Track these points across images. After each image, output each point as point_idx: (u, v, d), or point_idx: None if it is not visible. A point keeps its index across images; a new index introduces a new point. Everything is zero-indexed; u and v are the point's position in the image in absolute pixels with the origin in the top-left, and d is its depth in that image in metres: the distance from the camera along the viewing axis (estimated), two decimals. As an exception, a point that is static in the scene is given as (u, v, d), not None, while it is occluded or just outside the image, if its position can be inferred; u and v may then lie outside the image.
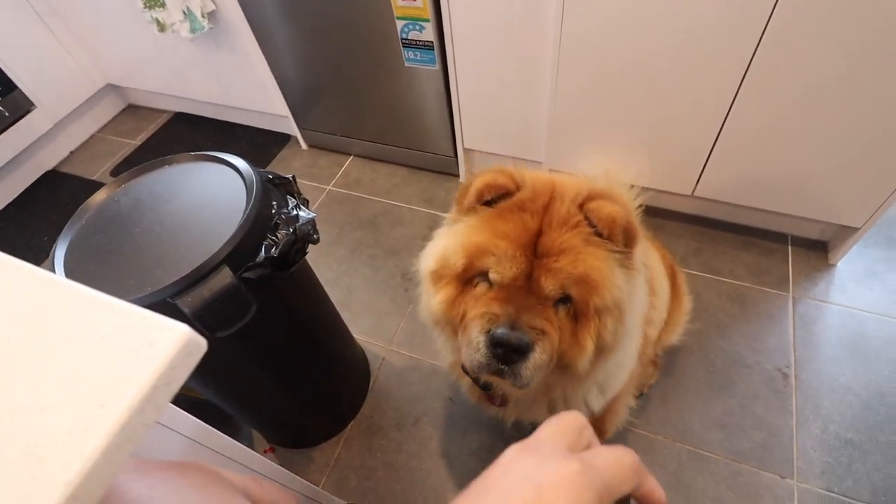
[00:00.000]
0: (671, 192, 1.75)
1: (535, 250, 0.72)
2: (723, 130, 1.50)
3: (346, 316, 1.48)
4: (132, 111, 2.76)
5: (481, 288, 0.76)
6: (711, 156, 1.58)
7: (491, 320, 0.71)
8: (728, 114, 1.46)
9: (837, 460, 1.33)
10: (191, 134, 2.52)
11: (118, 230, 0.94)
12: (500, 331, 0.69)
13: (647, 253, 0.98)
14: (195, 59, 2.17)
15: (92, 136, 2.65)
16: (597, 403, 0.99)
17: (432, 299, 0.81)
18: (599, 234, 0.73)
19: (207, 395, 1.19)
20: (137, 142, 2.55)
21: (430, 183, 2.14)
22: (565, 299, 0.73)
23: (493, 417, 1.20)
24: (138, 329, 0.34)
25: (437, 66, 1.71)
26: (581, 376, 0.79)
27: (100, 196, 1.02)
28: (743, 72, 1.36)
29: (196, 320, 0.82)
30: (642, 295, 0.87)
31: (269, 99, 2.17)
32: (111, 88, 2.67)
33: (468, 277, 0.77)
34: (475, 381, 0.95)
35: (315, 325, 1.26)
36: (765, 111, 1.42)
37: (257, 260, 0.90)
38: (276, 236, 0.94)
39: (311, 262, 1.26)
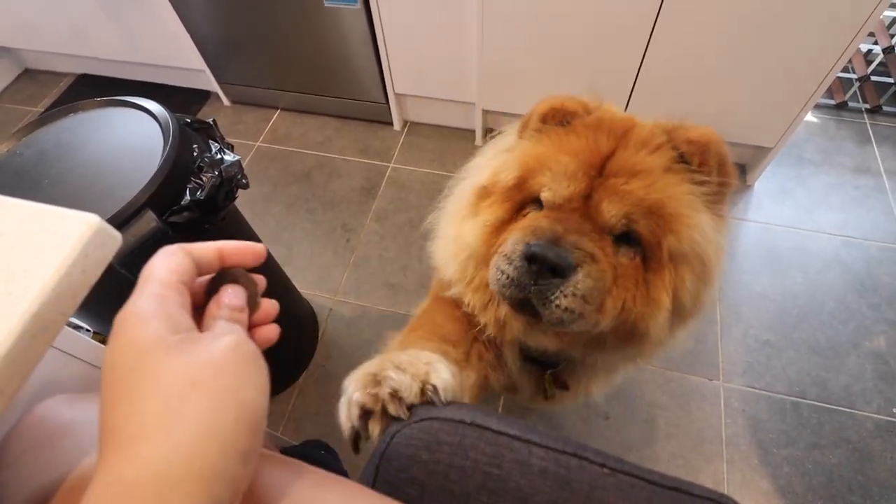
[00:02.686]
0: (601, 126, 1.79)
1: (601, 172, 0.59)
2: (644, 60, 1.54)
3: (289, 271, 1.45)
4: (30, 76, 2.51)
5: (532, 215, 0.62)
6: (635, 86, 1.62)
7: (534, 232, 0.57)
8: (648, 44, 1.50)
9: (757, 360, 1.46)
10: (98, 96, 2.30)
11: (23, 184, 0.87)
12: (539, 243, 0.55)
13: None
14: (93, 13, 1.97)
15: (-15, 106, 2.40)
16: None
17: (469, 224, 0.66)
18: (687, 162, 0.60)
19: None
20: (40, 108, 2.33)
21: (363, 133, 2.09)
22: (631, 240, 0.59)
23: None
24: (45, 222, 0.33)
25: (359, 5, 1.64)
26: (654, 345, 0.64)
27: (0, 150, 0.93)
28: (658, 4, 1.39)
29: (122, 268, 0.78)
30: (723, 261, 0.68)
31: (181, 52, 2.02)
32: (2, 52, 2.40)
33: (520, 200, 0.64)
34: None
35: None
36: (680, 41, 1.47)
37: (182, 203, 0.85)
38: (201, 179, 0.90)
39: (247, 219, 1.22)
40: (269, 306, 0.41)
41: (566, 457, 0.51)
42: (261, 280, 0.41)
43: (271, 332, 0.41)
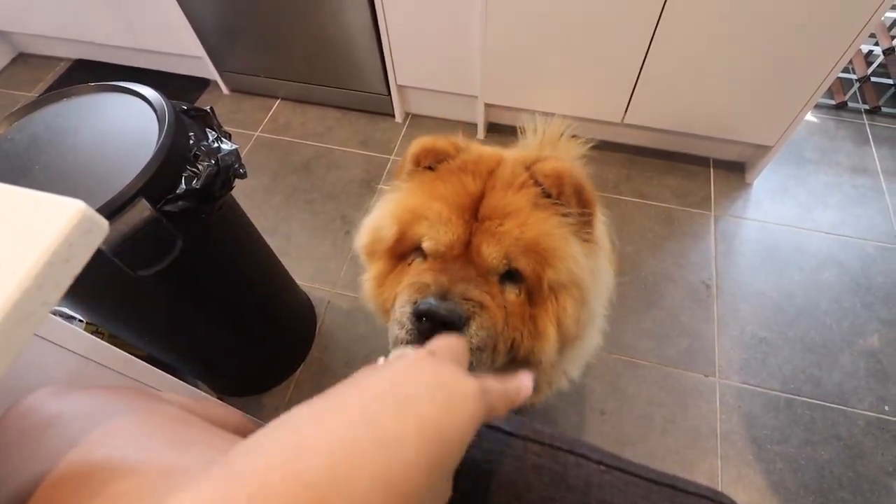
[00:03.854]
0: (603, 121, 1.79)
1: (475, 215, 0.62)
2: (647, 57, 1.53)
3: (286, 262, 1.45)
4: (24, 60, 2.48)
5: (416, 264, 0.65)
6: (638, 83, 1.62)
7: (419, 290, 0.59)
8: (651, 41, 1.49)
9: (753, 357, 1.47)
10: (94, 82, 2.29)
11: (15, 169, 0.86)
12: (428, 301, 0.56)
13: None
14: (91, -4, 1.95)
15: (-21, 91, 2.37)
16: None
17: (363, 277, 0.71)
18: (548, 196, 0.63)
19: (142, 345, 1.14)
20: (34, 94, 2.31)
21: (364, 124, 2.07)
22: (514, 276, 0.62)
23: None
24: (29, 208, 0.32)
25: (362, -5, 1.63)
26: (548, 369, 0.70)
27: (-9, 136, 0.92)
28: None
29: (115, 257, 0.77)
30: (607, 275, 0.74)
31: (180, 39, 2.00)
32: (-4, 35, 2.38)
33: (402, 252, 0.67)
34: None
35: (251, 268, 1.23)
36: (683, 39, 1.46)
37: (177, 192, 0.85)
38: (197, 168, 0.89)
39: (245, 210, 1.22)
40: None
41: (562, 453, 0.52)
42: None
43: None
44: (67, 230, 0.31)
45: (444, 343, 0.37)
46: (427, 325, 0.57)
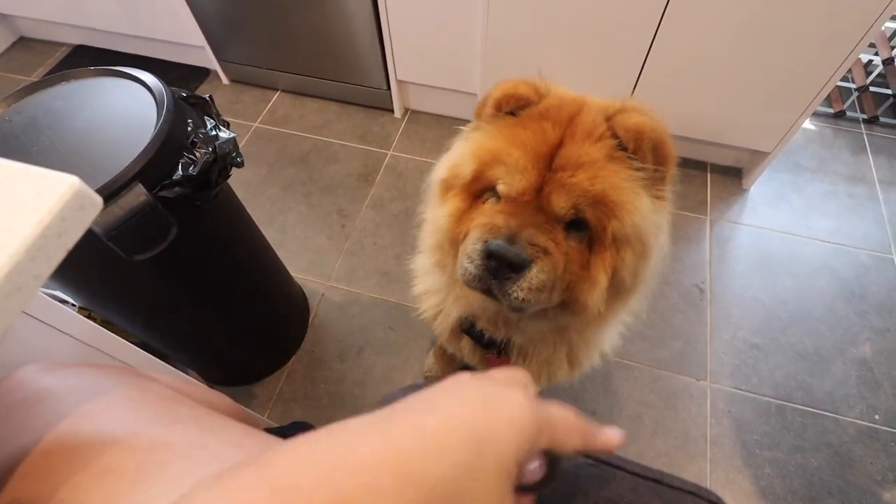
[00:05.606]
0: (601, 122, 1.78)
1: (551, 164, 0.64)
2: (647, 59, 1.54)
3: (282, 254, 1.44)
4: (25, 44, 2.46)
5: (490, 203, 0.69)
6: (638, 85, 1.62)
7: (491, 230, 0.63)
8: (651, 44, 1.49)
9: (745, 362, 1.47)
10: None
11: (12, 150, 0.85)
12: (497, 243, 0.61)
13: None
14: (93, -18, 1.95)
15: (-22, 74, 2.35)
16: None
17: (439, 212, 0.73)
18: (625, 149, 0.65)
19: (135, 331, 1.14)
20: (34, 78, 2.28)
21: (363, 118, 2.07)
22: (580, 225, 0.65)
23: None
24: (23, 182, 0.32)
25: (365, -11, 1.63)
26: (592, 317, 0.71)
27: (-12, 116, 0.91)
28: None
29: (110, 241, 0.77)
30: (665, 239, 0.73)
31: (182, 27, 1.99)
32: (-3, 17, 2.36)
33: (478, 190, 0.70)
34: (474, 336, 0.87)
35: (246, 257, 1.22)
36: (683, 43, 1.46)
37: (174, 178, 0.84)
38: (195, 155, 0.89)
39: (242, 201, 1.21)
40: None
41: (552, 446, 0.51)
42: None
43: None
44: (61, 205, 0.31)
45: (505, 373, 0.36)
46: (494, 264, 0.62)
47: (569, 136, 0.64)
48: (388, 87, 1.96)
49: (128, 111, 0.91)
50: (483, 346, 0.90)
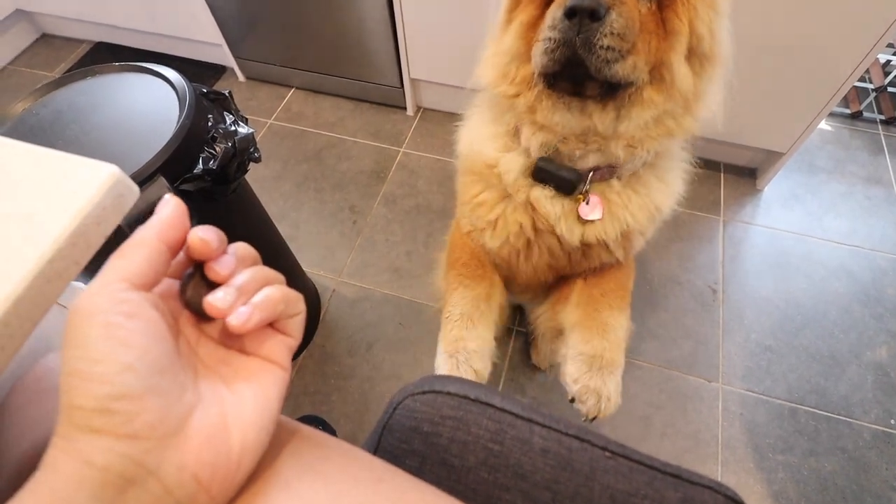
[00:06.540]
0: (615, 122, 1.78)
1: None
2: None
3: (294, 249, 1.45)
4: (47, 41, 2.50)
5: None
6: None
7: None
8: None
9: (758, 364, 1.46)
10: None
11: (38, 143, 0.86)
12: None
13: None
14: (112, -21, 1.97)
15: (3, 69, 2.39)
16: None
17: (506, 34, 0.75)
18: None
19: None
20: (55, 74, 2.33)
21: (376, 116, 2.08)
22: None
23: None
24: (64, 170, 0.33)
25: (380, -13, 1.63)
26: (683, 94, 0.72)
27: (16, 109, 0.94)
28: None
29: (132, 232, 0.78)
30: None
31: (199, 25, 2.01)
32: (21, 15, 2.40)
33: None
34: (556, 180, 0.82)
35: (261, 251, 1.22)
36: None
37: (195, 171, 0.86)
38: (215, 149, 0.90)
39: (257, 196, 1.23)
40: None
41: (568, 438, 0.52)
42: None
43: None
44: (102, 193, 0.32)
45: None
46: (576, 20, 0.63)
47: None
48: (402, 86, 1.97)
49: (150, 106, 0.92)
50: (567, 191, 0.83)
